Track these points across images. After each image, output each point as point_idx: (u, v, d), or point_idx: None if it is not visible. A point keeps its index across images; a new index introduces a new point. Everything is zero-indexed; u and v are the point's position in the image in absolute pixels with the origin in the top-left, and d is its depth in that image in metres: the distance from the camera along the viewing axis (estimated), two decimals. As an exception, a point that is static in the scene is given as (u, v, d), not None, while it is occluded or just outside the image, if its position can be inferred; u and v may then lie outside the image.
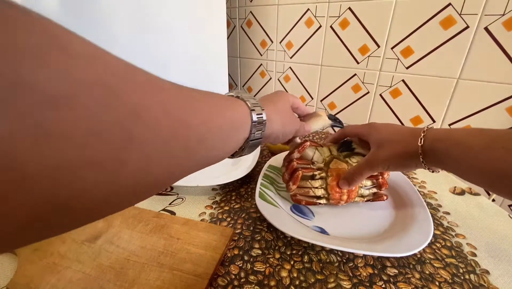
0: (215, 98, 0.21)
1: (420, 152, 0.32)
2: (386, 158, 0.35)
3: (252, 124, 0.24)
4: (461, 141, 0.29)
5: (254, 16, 0.84)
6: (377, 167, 0.36)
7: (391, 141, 0.35)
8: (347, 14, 0.67)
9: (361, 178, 0.38)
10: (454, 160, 0.29)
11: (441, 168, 0.32)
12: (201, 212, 0.43)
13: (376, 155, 0.36)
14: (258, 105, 0.25)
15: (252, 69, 0.92)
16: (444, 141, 0.30)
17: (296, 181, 0.40)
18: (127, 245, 0.34)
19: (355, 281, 0.31)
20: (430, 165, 0.32)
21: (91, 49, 0.12)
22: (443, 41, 0.57)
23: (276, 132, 0.29)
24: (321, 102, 0.80)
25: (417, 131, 0.33)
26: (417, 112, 0.65)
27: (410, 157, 0.33)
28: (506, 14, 0.49)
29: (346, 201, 0.41)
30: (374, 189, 0.42)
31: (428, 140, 0.31)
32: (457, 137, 0.29)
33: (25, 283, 0.29)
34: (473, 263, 0.34)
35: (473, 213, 0.43)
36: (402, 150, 0.34)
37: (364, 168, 0.37)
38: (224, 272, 0.32)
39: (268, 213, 0.38)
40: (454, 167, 0.30)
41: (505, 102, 0.54)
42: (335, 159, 0.41)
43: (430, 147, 0.31)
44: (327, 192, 0.40)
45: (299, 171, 0.39)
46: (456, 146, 0.29)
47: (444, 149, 0.30)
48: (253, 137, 0.25)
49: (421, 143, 0.32)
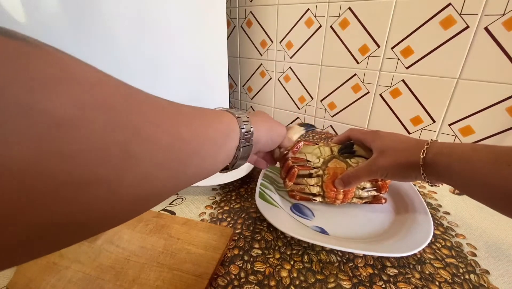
0: (204, 113, 0.22)
1: (422, 163, 0.31)
2: (386, 165, 0.34)
3: (241, 132, 0.26)
4: (465, 156, 0.28)
5: (254, 16, 0.84)
6: (375, 173, 0.36)
7: (394, 150, 0.35)
8: (347, 14, 0.67)
9: (358, 181, 0.38)
10: (456, 174, 0.28)
11: (442, 182, 0.32)
12: (201, 212, 0.43)
13: (377, 161, 0.36)
14: (243, 114, 0.27)
15: (252, 69, 0.92)
16: (447, 155, 0.30)
17: (292, 178, 0.40)
18: (127, 245, 0.34)
19: (355, 281, 0.31)
20: (430, 178, 0.32)
21: (97, 75, 0.13)
22: (443, 41, 0.56)
23: (264, 136, 0.31)
24: (321, 102, 0.80)
25: (421, 143, 0.33)
26: (417, 112, 0.65)
27: (410, 168, 0.32)
28: (506, 14, 0.49)
29: (342, 200, 0.41)
30: (373, 192, 0.41)
31: (431, 153, 0.31)
32: (460, 152, 0.29)
33: (25, 283, 0.29)
34: (473, 263, 0.34)
35: (473, 213, 0.43)
36: (403, 159, 0.33)
37: (362, 172, 0.37)
38: (224, 272, 0.32)
39: (268, 213, 0.38)
40: (455, 181, 0.29)
41: (505, 102, 0.54)
42: (335, 158, 0.41)
43: (432, 160, 0.30)
44: (323, 189, 0.41)
45: (295, 168, 0.40)
46: (459, 160, 0.28)
47: (447, 162, 0.29)
48: (243, 144, 0.26)
49: (423, 155, 0.31)
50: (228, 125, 0.24)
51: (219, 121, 0.23)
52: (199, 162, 0.19)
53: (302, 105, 0.85)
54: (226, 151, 0.24)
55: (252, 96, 0.97)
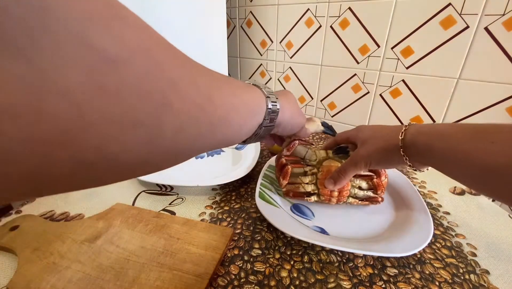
0: (236, 83, 0.23)
1: (401, 144, 0.31)
2: (367, 153, 0.35)
3: (267, 111, 0.25)
4: (445, 134, 0.27)
5: (254, 16, 0.84)
6: (360, 163, 0.36)
7: (373, 138, 0.35)
8: (347, 14, 0.67)
9: (346, 176, 0.37)
10: (437, 153, 0.28)
11: (424, 163, 0.31)
12: (201, 212, 0.43)
13: (359, 151, 0.36)
14: (272, 93, 0.27)
15: (252, 69, 0.92)
16: (427, 134, 0.29)
17: (286, 176, 0.40)
18: (127, 245, 0.34)
19: (355, 281, 0.31)
20: (413, 160, 0.31)
21: (143, 22, 0.14)
22: (443, 41, 0.57)
23: (285, 122, 0.30)
24: (321, 102, 0.80)
25: (400, 127, 0.33)
26: (417, 112, 0.65)
27: (391, 151, 0.32)
28: (506, 14, 0.49)
29: (337, 198, 0.41)
30: (370, 192, 0.41)
31: (410, 134, 0.31)
32: (440, 130, 0.28)
33: (25, 283, 0.29)
34: (473, 263, 0.34)
35: (473, 213, 0.43)
36: (382, 144, 0.33)
37: (348, 165, 0.37)
38: (224, 272, 0.32)
39: (268, 213, 0.38)
40: (437, 161, 0.29)
41: (505, 102, 0.54)
42: (330, 158, 0.42)
43: (412, 140, 0.30)
44: (317, 187, 0.41)
45: (288, 166, 0.40)
46: (439, 138, 0.28)
47: (427, 141, 0.29)
48: (266, 124, 0.26)
49: (402, 136, 0.31)
50: (256, 100, 0.24)
51: (248, 94, 0.23)
52: (225, 127, 0.20)
53: (302, 105, 0.85)
54: (249, 125, 0.24)
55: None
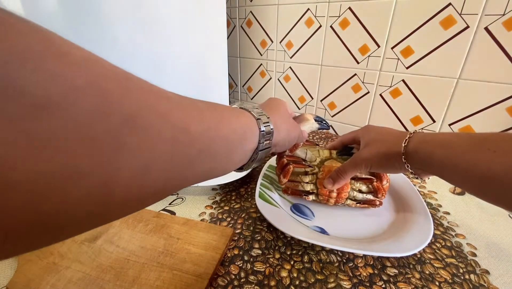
0: (219, 109, 0.20)
1: (403, 152, 0.31)
2: (369, 156, 0.35)
3: (260, 134, 0.24)
4: (446, 142, 0.28)
5: (254, 16, 0.84)
6: (360, 165, 0.36)
7: (377, 141, 0.35)
8: (347, 14, 0.67)
9: (345, 176, 0.37)
10: (439, 161, 0.28)
11: (426, 171, 0.31)
12: (201, 212, 0.43)
13: (361, 153, 0.36)
14: (263, 114, 0.25)
15: (252, 69, 0.92)
16: (429, 142, 0.30)
17: (287, 175, 0.40)
18: (127, 245, 0.34)
19: (355, 281, 0.31)
20: (414, 167, 0.31)
21: (87, 55, 0.12)
22: (443, 41, 0.56)
23: (282, 140, 0.29)
24: (321, 102, 0.80)
25: (405, 134, 0.33)
26: (417, 112, 0.65)
27: (393, 157, 0.32)
28: (506, 14, 0.49)
29: (335, 200, 0.41)
30: (369, 196, 0.41)
31: (413, 142, 0.31)
32: (442, 139, 0.29)
33: (25, 283, 0.29)
34: (473, 263, 0.34)
35: (473, 213, 0.43)
36: (385, 149, 0.33)
37: (348, 166, 0.37)
38: (224, 272, 0.32)
39: (268, 213, 0.38)
40: (438, 169, 0.29)
41: (505, 102, 0.54)
42: (332, 159, 0.42)
43: (414, 148, 0.31)
44: (316, 186, 0.41)
45: (290, 165, 0.40)
46: (441, 147, 0.28)
47: (429, 149, 0.29)
48: (262, 147, 0.24)
49: (405, 144, 0.31)
50: (245, 125, 0.23)
51: (235, 120, 0.21)
52: (208, 160, 0.18)
53: (302, 105, 0.85)
54: (240, 152, 0.22)
55: (252, 96, 0.97)
